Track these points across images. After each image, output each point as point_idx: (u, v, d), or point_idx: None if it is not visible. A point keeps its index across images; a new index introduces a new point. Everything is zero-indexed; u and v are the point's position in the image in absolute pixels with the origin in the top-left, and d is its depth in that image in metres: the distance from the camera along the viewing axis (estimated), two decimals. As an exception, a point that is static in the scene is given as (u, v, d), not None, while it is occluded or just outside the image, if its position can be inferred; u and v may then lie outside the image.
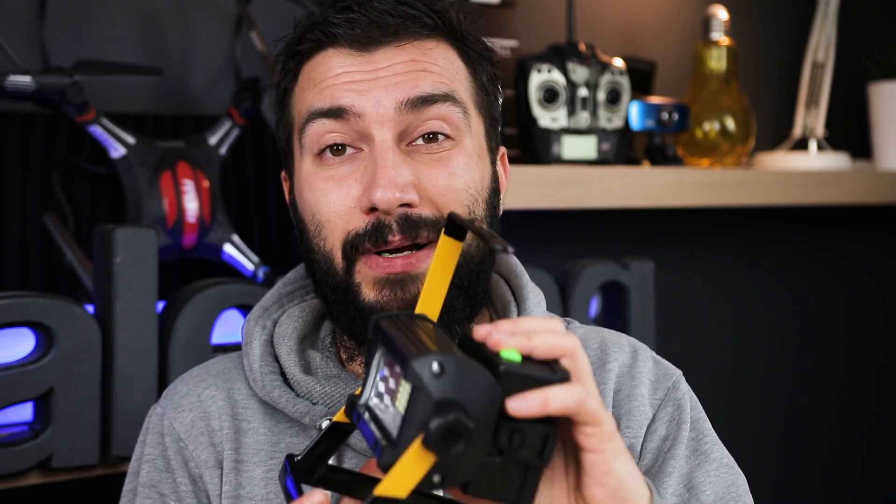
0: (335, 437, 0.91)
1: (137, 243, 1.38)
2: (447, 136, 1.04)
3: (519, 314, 1.11)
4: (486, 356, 0.80)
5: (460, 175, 1.04)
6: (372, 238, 1.02)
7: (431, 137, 1.04)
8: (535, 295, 1.13)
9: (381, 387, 0.83)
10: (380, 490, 0.75)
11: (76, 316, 1.36)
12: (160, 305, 1.44)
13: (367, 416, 0.83)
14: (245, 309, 1.47)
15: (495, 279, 1.14)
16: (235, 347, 1.46)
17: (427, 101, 1.03)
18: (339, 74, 1.04)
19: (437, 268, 0.91)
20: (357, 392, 0.87)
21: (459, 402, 0.76)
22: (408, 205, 1.01)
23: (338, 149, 1.04)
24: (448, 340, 0.83)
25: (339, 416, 0.90)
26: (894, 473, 2.50)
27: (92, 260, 1.42)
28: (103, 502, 1.51)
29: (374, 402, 0.83)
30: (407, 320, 0.86)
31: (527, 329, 0.82)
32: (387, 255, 1.03)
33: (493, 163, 1.11)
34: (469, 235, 0.97)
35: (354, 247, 1.03)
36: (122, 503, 1.13)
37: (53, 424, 1.34)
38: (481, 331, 0.81)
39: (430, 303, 0.91)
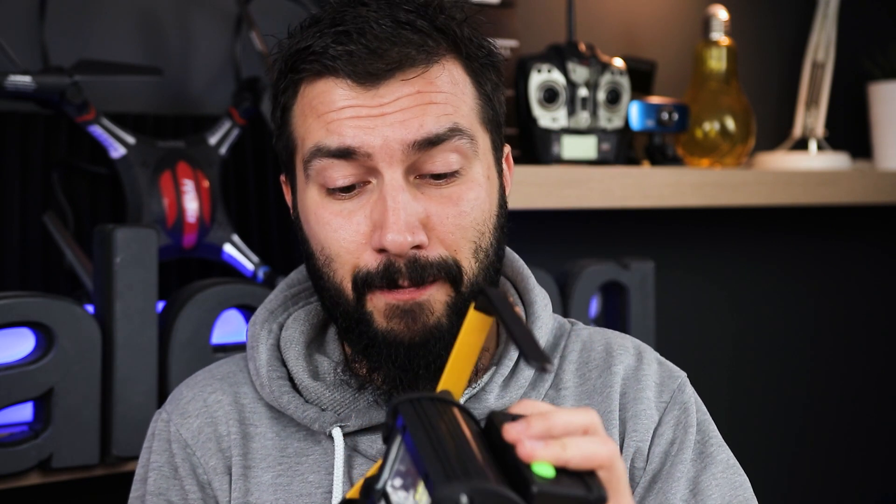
0: None
1: (137, 243, 1.38)
2: (455, 172, 1.04)
3: (526, 318, 1.11)
4: (514, 462, 0.76)
5: (469, 213, 1.03)
6: (384, 279, 1.01)
7: (440, 175, 1.03)
8: (541, 298, 1.13)
9: (399, 481, 0.78)
10: None
11: (76, 316, 1.36)
12: (160, 305, 1.44)
13: (382, 503, 0.79)
14: (245, 309, 1.47)
15: (501, 281, 1.14)
16: (235, 347, 1.46)
17: (434, 142, 1.02)
18: (343, 108, 1.02)
19: (465, 342, 0.88)
20: (372, 472, 0.82)
21: None
22: (418, 246, 1.01)
23: (347, 187, 1.03)
24: (472, 442, 0.77)
25: (353, 494, 0.87)
26: (894, 474, 2.50)
27: (92, 260, 1.42)
28: (103, 502, 1.51)
29: (391, 489, 0.78)
30: (430, 407, 0.79)
31: (561, 429, 0.78)
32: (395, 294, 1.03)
33: (500, 174, 1.10)
34: (477, 269, 1.01)
35: (366, 283, 1.02)
36: None
37: (53, 424, 1.34)
38: (511, 432, 0.77)
39: (456, 377, 0.88)
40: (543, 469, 0.75)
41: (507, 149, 1.14)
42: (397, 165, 1.01)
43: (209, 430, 1.10)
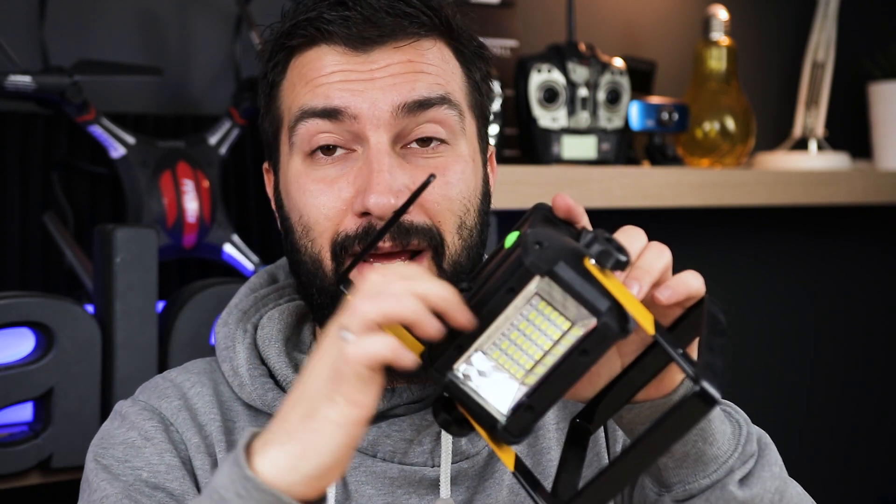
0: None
1: (137, 243, 1.38)
2: (442, 141, 1.03)
3: None
4: None
5: (455, 185, 1.03)
6: (362, 241, 1.00)
7: (426, 141, 1.03)
8: None
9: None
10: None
11: (76, 316, 1.36)
12: (160, 305, 1.44)
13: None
14: (245, 309, 1.47)
15: None
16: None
17: (423, 105, 1.02)
18: (333, 73, 1.02)
19: None
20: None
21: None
22: None
23: (329, 149, 1.03)
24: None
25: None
26: (894, 474, 2.51)
27: (92, 260, 1.42)
28: (103, 502, 1.51)
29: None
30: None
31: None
32: (379, 261, 1.01)
33: (485, 164, 1.10)
34: (461, 246, 1.03)
35: (344, 248, 1.01)
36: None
37: (53, 424, 1.35)
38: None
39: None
40: None
41: (492, 149, 1.14)
42: (384, 130, 1.01)
43: (188, 415, 1.06)
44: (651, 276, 0.86)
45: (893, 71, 2.26)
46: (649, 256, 0.88)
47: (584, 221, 0.91)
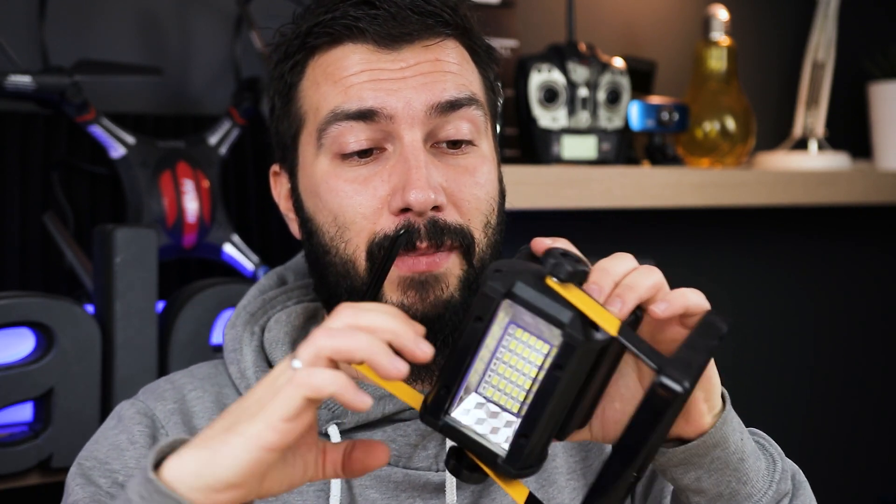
0: None
1: (137, 243, 1.38)
2: (470, 142, 1.04)
3: None
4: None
5: (484, 185, 1.04)
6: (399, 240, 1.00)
7: (456, 143, 1.03)
8: None
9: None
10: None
11: (76, 316, 1.36)
12: (160, 305, 1.44)
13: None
14: (245, 309, 1.47)
15: None
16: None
17: (454, 105, 1.02)
18: (363, 72, 1.02)
19: None
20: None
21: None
22: (437, 207, 1.00)
23: (365, 152, 1.02)
24: None
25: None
26: (894, 474, 2.51)
27: (92, 260, 1.42)
28: (103, 502, 1.51)
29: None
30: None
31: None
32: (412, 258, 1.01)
33: (499, 163, 1.11)
34: (486, 244, 1.04)
35: (381, 247, 1.01)
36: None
37: (53, 424, 1.35)
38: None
39: None
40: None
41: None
42: (418, 128, 1.01)
43: (180, 419, 1.06)
44: (636, 293, 0.85)
45: (893, 71, 2.26)
46: (635, 275, 0.86)
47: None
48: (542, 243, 0.89)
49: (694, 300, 0.87)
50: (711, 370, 0.91)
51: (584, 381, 0.83)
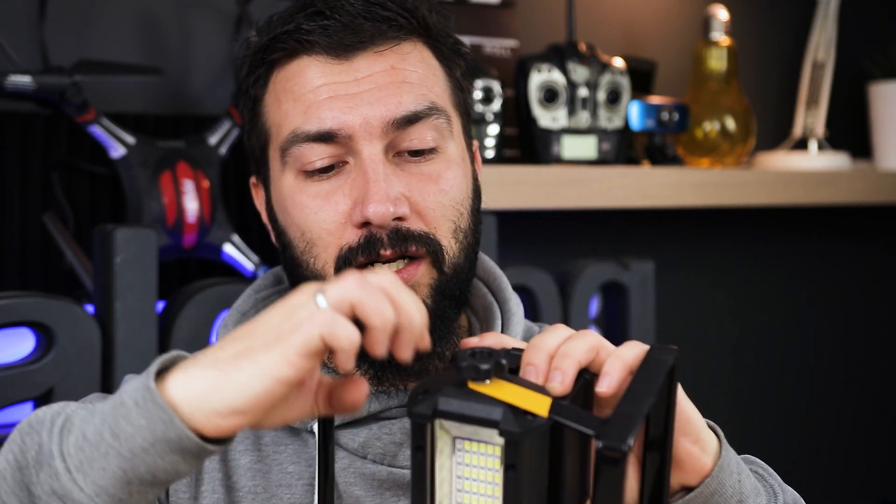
0: None
1: (137, 243, 1.38)
2: (433, 149, 1.04)
3: (502, 316, 1.10)
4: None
5: (449, 191, 1.04)
6: (365, 252, 1.01)
7: (418, 152, 1.04)
8: (514, 297, 1.12)
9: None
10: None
11: (76, 316, 1.36)
12: (160, 305, 1.44)
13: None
14: (245, 309, 1.47)
15: (474, 282, 1.13)
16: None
17: (413, 119, 1.02)
18: (320, 87, 1.02)
19: None
20: None
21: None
22: (399, 218, 1.01)
23: (326, 169, 1.03)
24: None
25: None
26: (894, 474, 2.50)
27: (92, 260, 1.42)
28: (103, 502, 1.51)
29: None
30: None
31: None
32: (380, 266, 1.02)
33: (472, 161, 1.10)
34: (458, 249, 1.03)
35: (347, 261, 1.02)
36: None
37: (53, 424, 1.34)
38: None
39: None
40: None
41: (476, 142, 1.14)
42: (377, 141, 1.02)
43: None
44: (573, 359, 0.83)
45: (893, 71, 2.26)
46: (569, 343, 0.85)
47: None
48: (466, 345, 0.86)
49: (631, 356, 0.85)
50: (689, 412, 0.90)
51: (552, 462, 0.79)
